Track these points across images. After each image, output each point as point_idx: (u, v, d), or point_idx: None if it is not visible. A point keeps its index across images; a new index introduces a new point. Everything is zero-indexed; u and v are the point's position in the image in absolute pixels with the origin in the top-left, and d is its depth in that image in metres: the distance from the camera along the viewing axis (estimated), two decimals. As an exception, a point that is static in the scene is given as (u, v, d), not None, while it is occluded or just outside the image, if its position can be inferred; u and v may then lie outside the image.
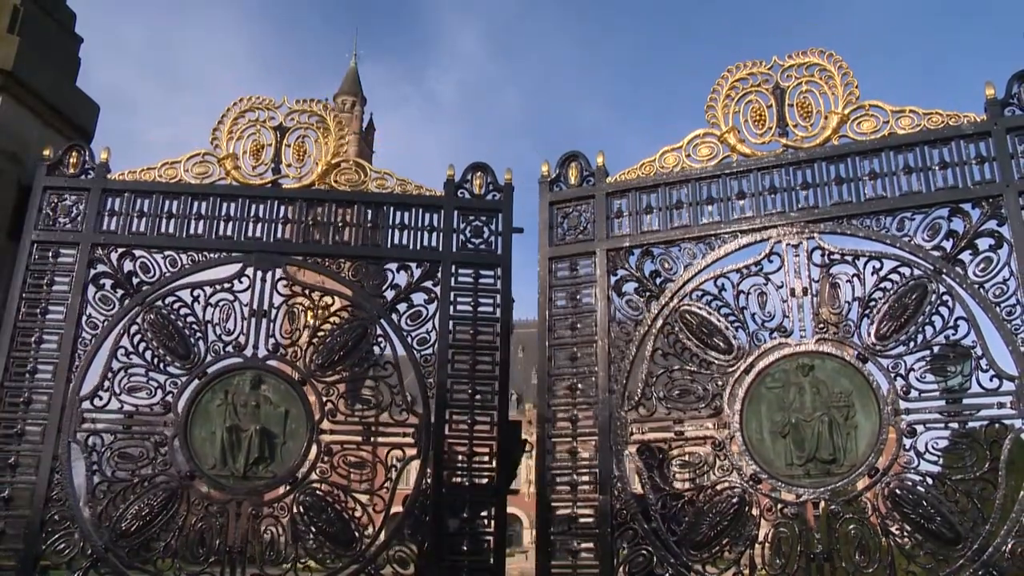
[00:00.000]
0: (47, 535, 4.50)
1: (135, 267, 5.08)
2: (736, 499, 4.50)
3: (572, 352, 5.07)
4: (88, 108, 5.97)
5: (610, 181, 5.30)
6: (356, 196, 5.32)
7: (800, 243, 4.71)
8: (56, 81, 5.63)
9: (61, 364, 4.82)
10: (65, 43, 5.91)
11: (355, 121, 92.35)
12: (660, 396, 4.82)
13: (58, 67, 5.70)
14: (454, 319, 5.19)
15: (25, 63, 5.27)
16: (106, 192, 5.25)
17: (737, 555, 4.43)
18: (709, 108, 5.12)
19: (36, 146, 5.40)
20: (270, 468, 4.76)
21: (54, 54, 5.71)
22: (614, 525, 4.66)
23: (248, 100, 5.37)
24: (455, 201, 5.39)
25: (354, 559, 4.70)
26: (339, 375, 5.01)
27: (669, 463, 4.75)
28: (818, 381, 4.51)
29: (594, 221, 5.24)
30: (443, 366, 5.10)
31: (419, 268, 5.24)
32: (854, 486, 4.34)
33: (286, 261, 5.16)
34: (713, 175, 5.07)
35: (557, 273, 5.25)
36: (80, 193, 5.23)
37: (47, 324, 4.88)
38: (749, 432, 4.57)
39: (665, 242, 5.05)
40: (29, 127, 5.44)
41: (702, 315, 4.81)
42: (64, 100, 5.72)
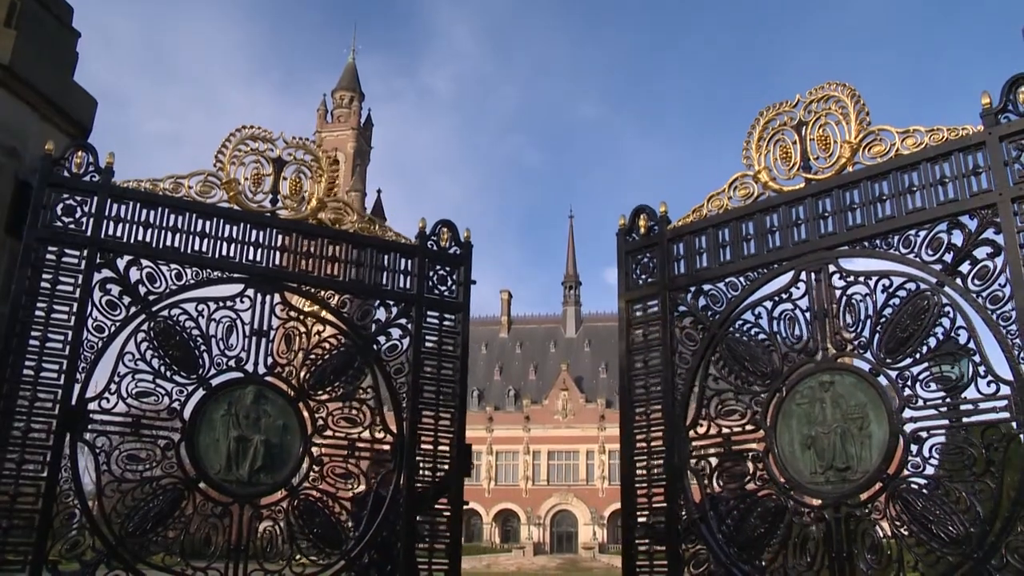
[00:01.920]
0: (56, 531, 4.66)
1: (142, 276, 5.22)
2: (773, 505, 4.99)
3: (645, 382, 5.78)
4: (86, 103, 5.95)
5: (669, 228, 5.87)
6: (344, 236, 5.86)
7: (821, 268, 5.07)
8: (54, 75, 5.62)
9: (68, 364, 4.90)
10: (62, 37, 5.89)
11: (353, 116, 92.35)
12: (712, 416, 5.40)
13: (56, 61, 5.69)
14: (424, 354, 5.88)
15: (22, 57, 5.26)
16: (112, 197, 5.30)
17: (773, 555, 4.91)
18: (745, 151, 5.57)
19: (34, 141, 5.39)
20: (270, 475, 5.22)
21: (51, 48, 5.70)
22: (679, 530, 5.33)
23: (249, 129, 5.64)
24: (426, 251, 6.09)
25: (341, 556, 5.30)
26: (328, 395, 5.57)
27: (720, 474, 5.30)
28: (837, 395, 4.83)
29: (658, 265, 5.87)
30: (414, 395, 5.79)
31: (396, 307, 5.89)
32: (868, 491, 4.63)
33: (283, 287, 5.58)
34: (749, 213, 5.50)
35: (634, 313, 5.98)
36: (84, 194, 5.22)
37: (52, 322, 4.88)
38: (782, 445, 5.01)
39: (713, 278, 5.58)
40: (27, 121, 5.42)
41: (743, 342, 5.33)
42: (62, 94, 5.70)
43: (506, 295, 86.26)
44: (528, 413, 74.24)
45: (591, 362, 78.63)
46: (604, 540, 68.78)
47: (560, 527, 71.71)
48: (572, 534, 70.90)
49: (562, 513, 71.88)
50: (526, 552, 65.76)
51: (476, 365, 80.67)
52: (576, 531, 70.76)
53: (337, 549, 5.34)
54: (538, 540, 69.06)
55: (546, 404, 74.32)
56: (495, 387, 77.99)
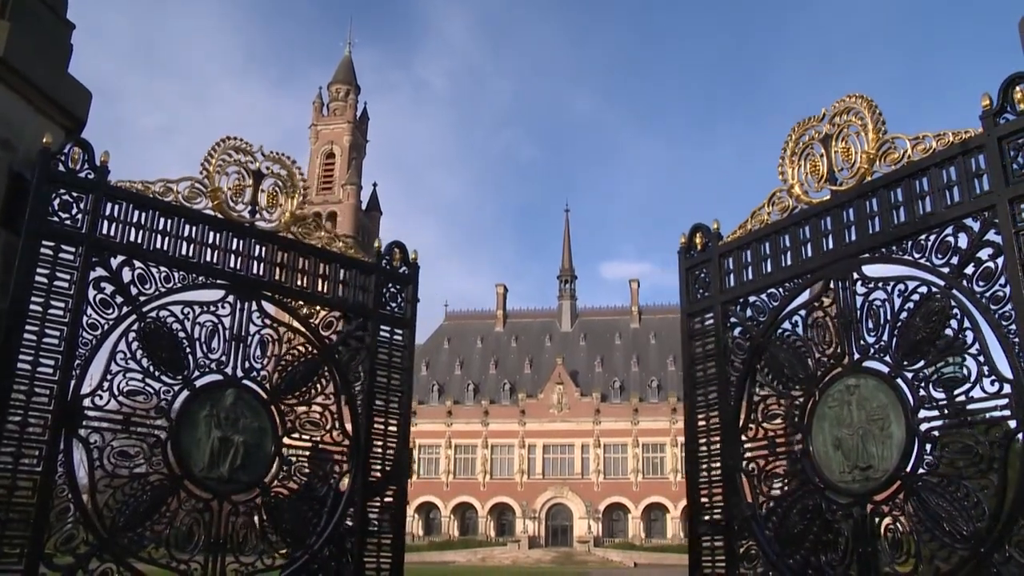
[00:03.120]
0: (52, 525, 4.73)
1: (133, 277, 5.30)
2: (810, 503, 5.25)
3: (704, 391, 6.17)
4: (81, 95, 5.91)
5: (720, 243, 6.23)
6: (313, 250, 6.18)
7: (846, 276, 5.28)
8: (48, 67, 5.58)
9: (64, 360, 4.92)
10: (57, 29, 5.85)
11: (349, 110, 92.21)
12: (759, 420, 5.73)
13: (50, 53, 5.66)
14: (377, 365, 6.23)
15: (16, 49, 5.23)
16: (107, 196, 5.41)
17: (811, 551, 5.20)
18: (780, 166, 5.84)
19: (29, 133, 5.35)
20: (246, 474, 5.47)
21: (46, 40, 5.67)
22: (735, 528, 5.70)
23: (232, 140, 5.88)
24: (381, 270, 6.49)
25: (305, 550, 5.60)
26: (297, 399, 5.86)
27: (766, 475, 5.63)
28: (862, 398, 5.03)
29: (712, 279, 6.25)
30: (369, 402, 6.14)
31: (355, 320, 6.24)
32: (889, 489, 4.81)
33: (260, 295, 5.83)
34: (785, 226, 5.78)
35: (694, 326, 6.35)
36: (81, 191, 5.22)
37: (48, 318, 4.88)
38: (817, 446, 5.26)
39: (756, 290, 5.90)
40: (20, 113, 5.38)
41: (783, 349, 5.62)
42: (56, 87, 5.66)
43: (501, 289, 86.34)
44: (523, 407, 74.40)
45: (586, 356, 78.79)
46: (599, 534, 69.01)
47: (555, 521, 71.94)
48: (567, 528, 71.13)
49: (557, 507, 72.11)
50: (521, 546, 65.93)
51: (472, 359, 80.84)
52: (571, 525, 70.99)
53: (302, 543, 5.64)
54: (533, 534, 69.27)
55: (541, 398, 74.47)
56: (490, 381, 78.11)
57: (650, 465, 71.51)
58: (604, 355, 78.68)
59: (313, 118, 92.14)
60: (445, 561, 60.33)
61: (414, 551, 66.30)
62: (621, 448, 72.29)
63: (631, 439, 71.84)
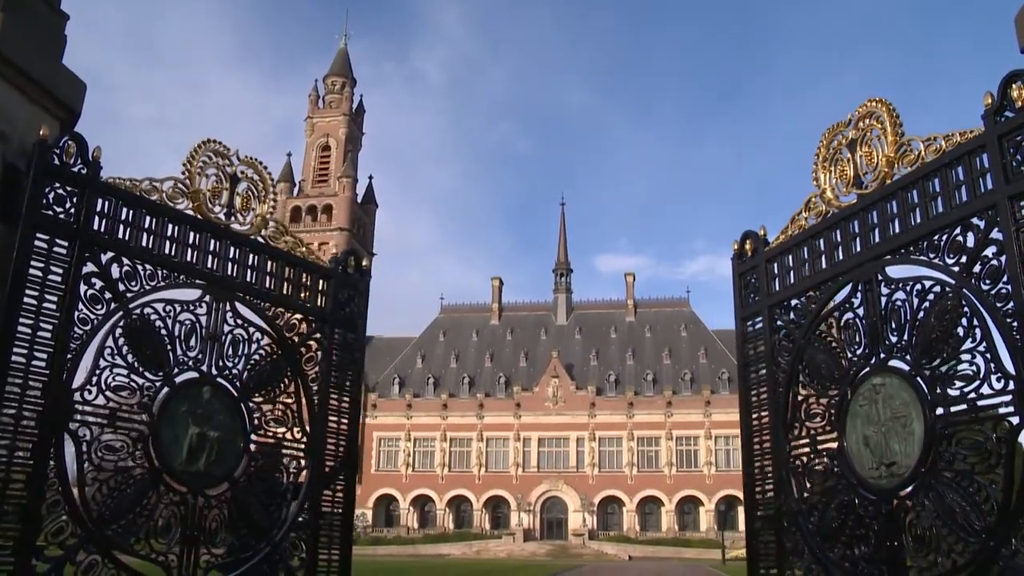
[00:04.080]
0: (43, 518, 4.76)
1: (121, 273, 5.37)
2: (845, 499, 5.43)
3: (756, 392, 6.44)
4: (75, 86, 5.84)
5: (767, 249, 6.48)
6: (281, 254, 6.40)
7: (871, 278, 5.44)
8: (42, 58, 5.52)
9: (57, 354, 4.92)
10: (51, 20, 5.81)
11: (345, 102, 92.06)
12: (802, 419, 5.96)
13: (44, 44, 5.59)
14: (332, 366, 6.53)
15: (10, 39, 5.17)
16: (98, 191, 5.33)
17: (847, 545, 5.39)
18: (814, 172, 6.02)
19: (23, 124, 5.28)
20: (219, 468, 5.64)
21: (40, 31, 5.60)
22: (784, 523, 5.95)
23: (212, 144, 6.02)
24: (338, 275, 6.78)
25: (269, 542, 5.82)
26: (263, 398, 6.08)
27: (809, 472, 5.86)
28: (888, 396, 5.18)
29: (760, 284, 6.53)
30: (324, 401, 6.42)
31: (315, 322, 6.53)
32: (911, 485, 4.95)
33: (234, 296, 6.00)
34: (819, 231, 5.97)
35: (747, 329, 6.62)
36: (74, 186, 5.22)
37: (43, 312, 4.90)
38: (850, 443, 5.44)
39: (797, 294, 6.13)
40: (15, 105, 5.31)
41: (821, 350, 5.84)
42: (51, 78, 5.58)
43: (497, 282, 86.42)
44: (519, 400, 74.49)
45: (581, 349, 78.93)
46: (594, 527, 69.20)
47: (550, 513, 72.11)
48: (562, 520, 71.31)
49: (552, 500, 72.28)
50: (516, 538, 66.07)
51: (467, 352, 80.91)
52: (566, 518, 71.16)
53: (266, 535, 5.84)
54: (528, 526, 69.45)
55: (536, 391, 74.57)
56: (486, 374, 78.20)
57: (645, 459, 71.69)
58: (599, 348, 78.80)
59: (309, 111, 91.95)
60: (440, 554, 60.46)
61: (409, 544, 66.51)
62: (616, 441, 72.44)
63: (626, 432, 71.99)
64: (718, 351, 75.34)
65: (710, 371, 73.79)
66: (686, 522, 70.37)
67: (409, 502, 73.81)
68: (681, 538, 66.03)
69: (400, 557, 56.47)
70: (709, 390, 71.68)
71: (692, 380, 73.31)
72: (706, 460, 70.34)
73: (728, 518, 66.65)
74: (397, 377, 78.04)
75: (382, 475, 74.60)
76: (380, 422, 75.60)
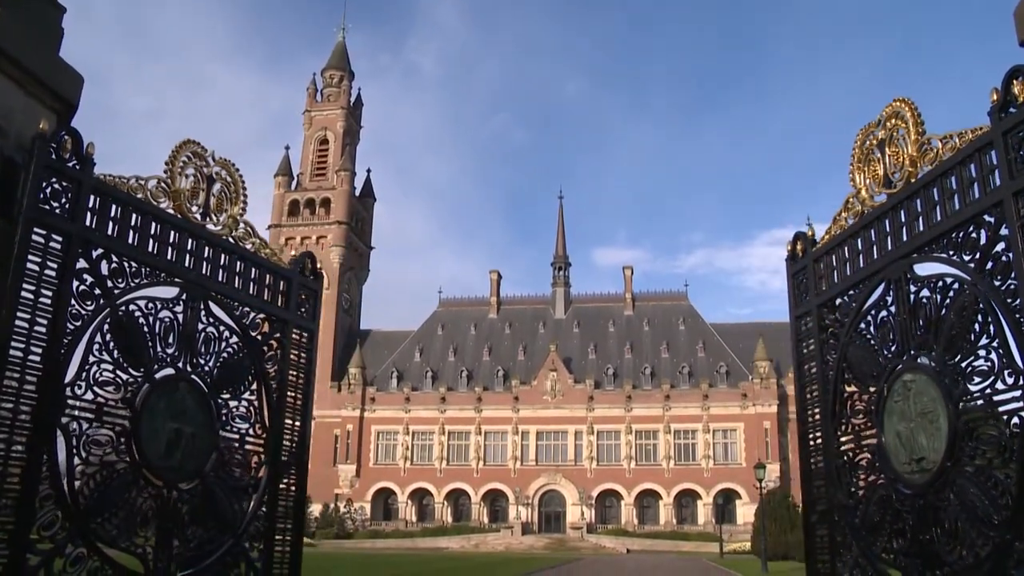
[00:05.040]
0: (36, 511, 4.80)
1: (109, 270, 5.46)
2: (884, 494, 5.55)
3: (810, 389, 6.61)
4: (73, 79, 5.83)
5: (814, 249, 6.67)
6: (249, 255, 6.62)
7: (900, 276, 5.55)
8: (39, 51, 5.50)
9: (51, 349, 4.96)
10: (48, 12, 5.79)
11: (343, 96, 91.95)
12: (848, 416, 6.11)
13: (41, 36, 5.58)
14: (289, 365, 6.84)
15: (7, 32, 5.16)
16: (91, 188, 5.36)
17: (888, 539, 5.52)
18: (850, 172, 6.14)
19: (20, 117, 5.28)
20: (192, 463, 5.81)
21: (36, 23, 5.60)
22: (835, 518, 6.10)
23: (191, 144, 6.17)
24: (296, 278, 7.08)
25: (232, 535, 6.03)
26: (230, 394, 6.28)
27: (854, 467, 5.99)
28: (917, 392, 5.28)
29: (810, 284, 6.73)
30: (281, 399, 6.68)
31: (276, 323, 6.81)
32: (939, 480, 5.02)
33: (207, 295, 6.17)
34: (856, 231, 6.11)
35: (800, 328, 6.81)
36: (69, 181, 5.24)
37: (39, 306, 4.95)
38: (887, 439, 5.55)
39: (840, 293, 6.28)
40: (11, 98, 5.32)
41: (860, 347, 5.97)
42: (47, 71, 5.58)
43: (495, 276, 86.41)
44: (517, 394, 74.57)
45: (580, 343, 79.01)
46: (592, 520, 69.35)
47: (548, 507, 72.26)
48: (560, 514, 71.47)
49: (550, 493, 72.41)
50: (514, 532, 66.21)
51: (465, 346, 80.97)
52: (564, 511, 71.31)
53: (231, 529, 6.03)
54: (526, 520, 69.59)
55: (535, 385, 74.65)
56: (484, 367, 78.28)
57: (643, 452, 71.82)
58: (597, 342, 78.87)
59: (307, 104, 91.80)
60: (438, 547, 60.57)
61: (407, 537, 66.65)
62: (614, 435, 72.57)
63: (624, 426, 72.12)
64: (716, 345, 75.46)
65: (708, 365, 73.91)
66: (684, 515, 70.52)
67: (407, 495, 73.91)
68: (679, 531, 66.16)
69: (398, 550, 56.53)
70: (707, 384, 71.81)
71: (690, 374, 73.42)
72: (704, 454, 70.48)
73: (726, 511, 66.86)
74: (395, 371, 78.09)
75: (380, 469, 74.70)
76: (378, 416, 75.69)
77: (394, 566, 31.41)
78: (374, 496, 74.15)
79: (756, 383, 70.38)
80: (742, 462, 68.60)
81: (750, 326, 78.74)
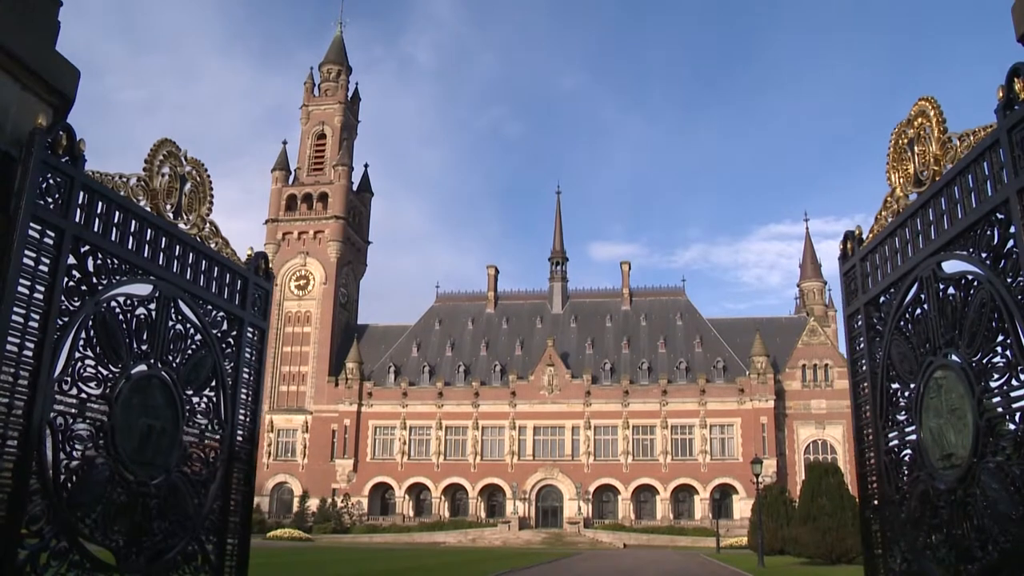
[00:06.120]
0: (27, 506, 4.83)
1: (94, 267, 5.52)
2: (922, 489, 5.64)
3: (863, 385, 6.72)
4: (69, 73, 5.78)
5: (860, 249, 6.80)
6: (213, 254, 6.81)
7: (930, 274, 5.62)
8: (35, 44, 5.45)
9: (43, 344, 4.99)
10: (44, 5, 5.76)
11: (340, 90, 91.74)
12: (892, 412, 6.21)
13: (36, 29, 5.54)
14: (243, 362, 7.04)
15: (2, 25, 5.14)
16: (81, 185, 5.38)
17: (928, 532, 5.58)
18: (887, 172, 6.27)
19: (16, 111, 5.25)
20: (161, 459, 5.95)
21: (32, 16, 5.56)
22: (886, 513, 6.24)
23: (167, 143, 6.33)
24: (251, 277, 7.28)
25: (190, 530, 6.19)
26: (193, 391, 6.44)
27: (899, 463, 6.10)
28: (947, 389, 5.36)
29: (858, 283, 6.84)
30: (235, 395, 6.88)
31: (233, 321, 7.01)
32: (965, 476, 5.09)
33: (177, 292, 6.30)
34: (893, 230, 6.22)
35: (852, 326, 6.94)
36: (62, 176, 5.24)
37: (33, 301, 4.95)
38: (925, 436, 5.65)
39: (883, 291, 6.39)
40: (7, 91, 5.28)
41: (900, 344, 6.07)
42: (44, 64, 5.54)
43: (492, 271, 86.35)
44: (514, 388, 74.58)
45: (577, 338, 79.00)
46: (589, 515, 69.47)
47: (545, 502, 72.33)
48: (557, 509, 71.54)
49: (547, 488, 72.47)
50: (511, 527, 66.26)
51: (463, 340, 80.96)
52: (561, 506, 71.40)
53: (192, 522, 6.20)
54: (523, 515, 69.66)
55: (532, 380, 74.66)
56: (481, 362, 78.28)
57: (640, 447, 71.89)
58: (595, 337, 78.87)
59: (304, 98, 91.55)
60: (435, 542, 60.64)
61: (404, 532, 66.72)
62: (611, 430, 72.62)
63: (621, 421, 72.18)
64: (713, 340, 75.53)
65: (705, 360, 73.97)
66: (681, 510, 70.66)
67: (405, 490, 73.94)
68: (676, 526, 66.30)
69: (395, 545, 56.58)
70: (704, 379, 71.87)
71: (687, 369, 73.49)
72: (701, 449, 70.57)
73: (723, 506, 66.92)
74: (392, 365, 78.07)
75: (378, 463, 74.71)
76: (376, 410, 75.69)
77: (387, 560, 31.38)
78: (371, 491, 74.17)
79: (753, 378, 70.44)
80: (739, 457, 68.75)
81: (747, 321, 78.91)
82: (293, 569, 23.10)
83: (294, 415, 78.38)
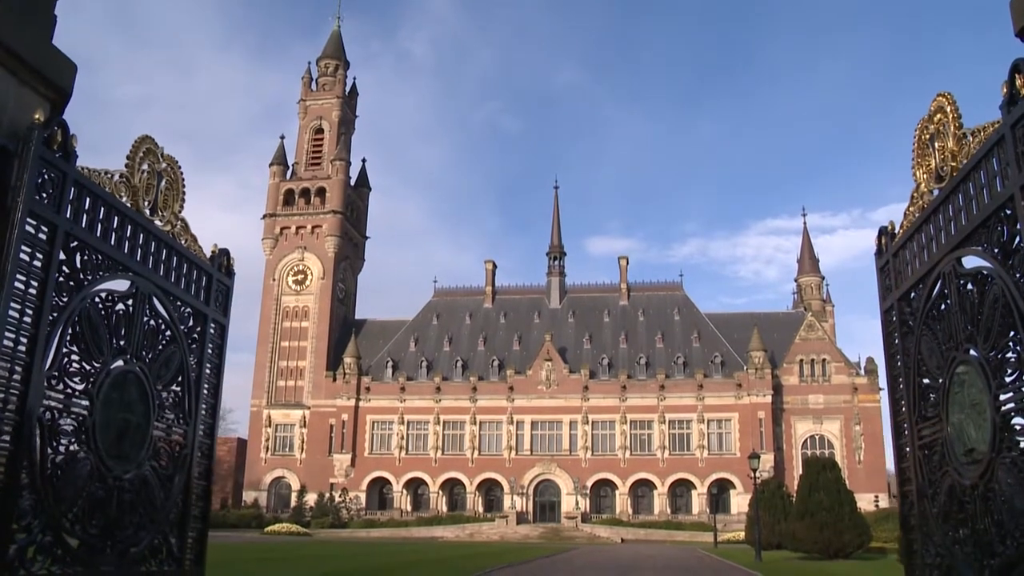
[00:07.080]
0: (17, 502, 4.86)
1: (81, 262, 5.54)
2: (949, 483, 5.68)
3: (898, 380, 6.77)
4: (66, 67, 5.79)
5: (892, 245, 6.85)
6: (184, 252, 6.93)
7: (950, 270, 5.65)
8: (32, 38, 5.46)
9: (35, 339, 4.99)
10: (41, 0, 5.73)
11: (338, 85, 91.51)
12: (924, 406, 6.24)
13: (34, 24, 5.49)
14: (206, 358, 7.17)
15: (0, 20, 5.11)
16: (73, 181, 5.40)
17: (955, 526, 5.67)
18: (912, 168, 6.30)
19: (13, 105, 5.26)
20: (135, 452, 6.02)
21: (29, 10, 5.53)
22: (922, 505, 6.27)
23: (147, 140, 6.38)
24: (216, 273, 7.44)
25: (157, 523, 6.28)
26: (163, 386, 6.51)
27: (929, 457, 6.13)
28: (969, 384, 5.37)
29: (892, 278, 6.88)
30: (198, 390, 7.03)
31: (198, 317, 7.11)
32: (986, 471, 5.12)
33: (153, 288, 6.35)
34: (919, 226, 6.25)
35: (888, 320, 6.99)
36: (57, 172, 5.24)
37: (28, 296, 4.94)
38: (950, 430, 5.68)
39: (912, 287, 6.42)
40: (4, 85, 5.29)
41: (927, 340, 6.10)
42: (41, 58, 5.54)
43: (490, 265, 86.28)
44: (512, 383, 74.57)
45: (575, 333, 78.99)
46: (586, 510, 69.52)
47: (543, 497, 72.39)
48: (555, 504, 71.61)
49: (545, 483, 72.52)
50: (509, 521, 66.32)
51: (460, 335, 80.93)
52: (559, 501, 71.47)
53: (159, 515, 6.29)
54: (521, 510, 69.73)
55: (530, 374, 74.66)
56: (479, 357, 78.25)
57: (638, 442, 71.95)
58: (593, 332, 78.87)
59: (302, 93, 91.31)
60: (433, 536, 60.65)
61: (402, 527, 66.75)
62: (609, 425, 72.65)
63: (619, 416, 72.22)
64: (710, 335, 75.55)
65: (703, 355, 74.01)
66: (678, 505, 70.76)
67: (402, 485, 73.98)
68: (673, 521, 66.36)
69: (392, 539, 56.61)
70: (702, 374, 71.91)
71: (685, 364, 73.51)
72: (698, 443, 70.65)
73: (720, 501, 67.05)
74: (390, 360, 78.02)
75: (376, 458, 74.71)
76: (373, 405, 75.68)
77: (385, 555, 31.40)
78: (369, 485, 74.19)
79: (751, 373, 70.49)
80: (736, 452, 68.81)
81: (745, 316, 78.91)
82: (291, 564, 23.11)
83: (292, 410, 78.35)
